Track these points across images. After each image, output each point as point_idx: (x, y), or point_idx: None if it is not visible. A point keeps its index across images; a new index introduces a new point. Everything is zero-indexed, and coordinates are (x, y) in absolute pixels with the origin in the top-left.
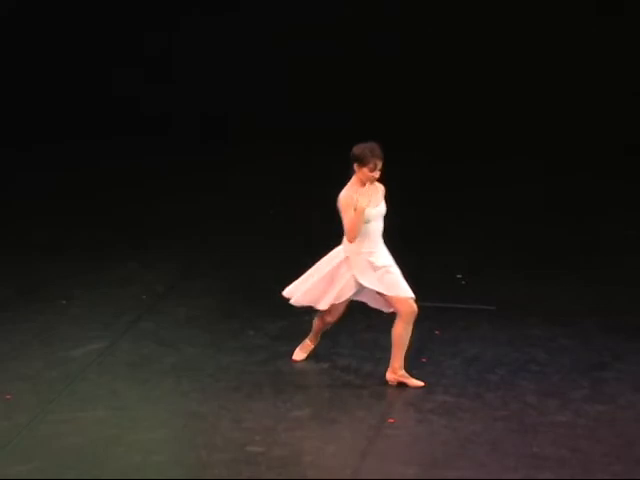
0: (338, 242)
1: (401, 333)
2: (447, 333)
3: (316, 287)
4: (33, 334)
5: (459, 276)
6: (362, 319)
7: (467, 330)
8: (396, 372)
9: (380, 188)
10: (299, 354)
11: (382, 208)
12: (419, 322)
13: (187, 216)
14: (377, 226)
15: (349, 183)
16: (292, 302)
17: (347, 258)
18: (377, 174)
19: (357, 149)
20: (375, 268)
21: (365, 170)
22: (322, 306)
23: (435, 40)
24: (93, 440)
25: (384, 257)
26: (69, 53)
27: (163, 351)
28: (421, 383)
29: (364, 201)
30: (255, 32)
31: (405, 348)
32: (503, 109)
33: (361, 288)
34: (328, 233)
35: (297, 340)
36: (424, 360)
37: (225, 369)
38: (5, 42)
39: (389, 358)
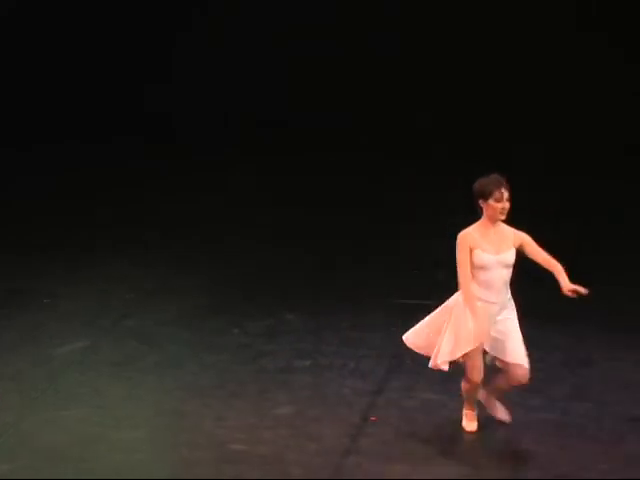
0: (337, 240)
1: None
2: None
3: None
4: (19, 332)
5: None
6: (347, 317)
7: None
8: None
9: (510, 233)
10: (470, 425)
11: (505, 257)
12: (404, 319)
13: (181, 216)
14: (496, 275)
15: (476, 223)
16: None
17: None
18: (507, 205)
19: (477, 184)
20: (490, 318)
21: (491, 203)
22: (438, 364)
23: (435, 40)
24: (76, 439)
25: (503, 310)
26: (69, 53)
27: (147, 349)
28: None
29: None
30: (255, 32)
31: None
32: (503, 109)
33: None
34: (323, 232)
35: (280, 339)
36: (406, 359)
37: (208, 367)
38: (5, 42)
39: (373, 356)
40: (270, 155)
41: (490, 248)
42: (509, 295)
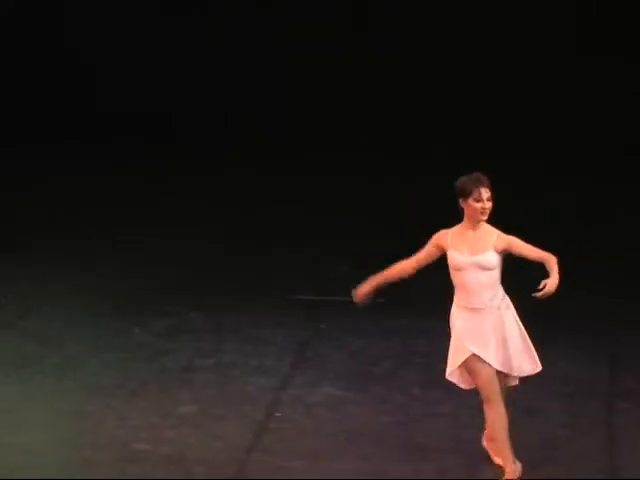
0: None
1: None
2: (333, 326)
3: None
4: None
5: (344, 268)
6: (249, 315)
7: (353, 323)
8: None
9: (492, 235)
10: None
11: (481, 258)
12: (306, 316)
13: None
14: (471, 277)
15: (459, 224)
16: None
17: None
18: (487, 205)
19: (457, 182)
20: (483, 325)
21: (471, 202)
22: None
23: (435, 40)
24: None
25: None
26: (69, 51)
27: (47, 350)
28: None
29: None
30: (255, 32)
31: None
32: (503, 109)
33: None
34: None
35: (183, 338)
36: (309, 353)
37: (110, 367)
38: (5, 42)
39: (276, 352)
40: (270, 155)
41: (465, 249)
42: (500, 301)
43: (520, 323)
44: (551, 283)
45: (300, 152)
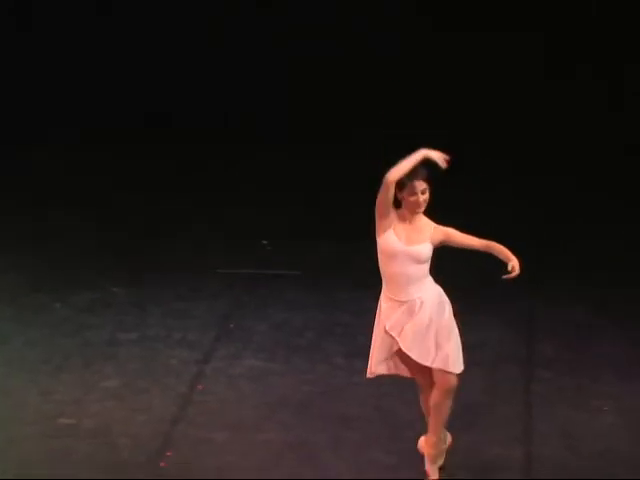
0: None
1: (437, 403)
2: (255, 299)
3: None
4: None
5: (264, 242)
6: (172, 289)
7: (275, 296)
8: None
9: (428, 227)
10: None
11: (416, 249)
12: (228, 289)
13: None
14: (402, 267)
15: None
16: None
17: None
18: (421, 198)
19: None
20: (407, 318)
21: (405, 195)
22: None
23: (435, 40)
24: None
25: (421, 312)
26: (70, 49)
27: None
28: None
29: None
30: (255, 32)
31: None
32: (503, 108)
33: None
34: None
35: (105, 312)
36: (231, 326)
37: (33, 343)
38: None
39: (199, 326)
40: (270, 155)
41: (402, 236)
42: (426, 293)
43: (453, 321)
44: (516, 263)
45: (300, 152)
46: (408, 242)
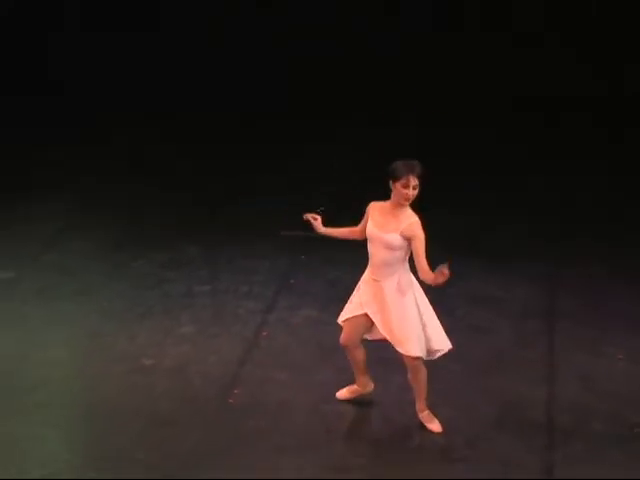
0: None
1: (410, 379)
2: (312, 259)
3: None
4: None
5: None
6: (239, 249)
7: (329, 256)
8: (422, 412)
9: (405, 220)
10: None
11: (385, 237)
12: (289, 250)
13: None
14: (376, 250)
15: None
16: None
17: None
18: (411, 193)
19: (392, 164)
20: (375, 294)
21: (397, 186)
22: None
23: (435, 40)
24: (6, 357)
25: (387, 290)
26: (69, 45)
27: (65, 280)
28: (439, 429)
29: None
30: (255, 32)
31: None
32: (502, 108)
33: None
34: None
35: (181, 268)
36: (292, 281)
37: (119, 294)
38: (4, 42)
39: (263, 281)
40: (269, 155)
41: (378, 223)
42: (399, 280)
43: (412, 309)
44: (446, 271)
45: (299, 152)
46: (382, 229)
